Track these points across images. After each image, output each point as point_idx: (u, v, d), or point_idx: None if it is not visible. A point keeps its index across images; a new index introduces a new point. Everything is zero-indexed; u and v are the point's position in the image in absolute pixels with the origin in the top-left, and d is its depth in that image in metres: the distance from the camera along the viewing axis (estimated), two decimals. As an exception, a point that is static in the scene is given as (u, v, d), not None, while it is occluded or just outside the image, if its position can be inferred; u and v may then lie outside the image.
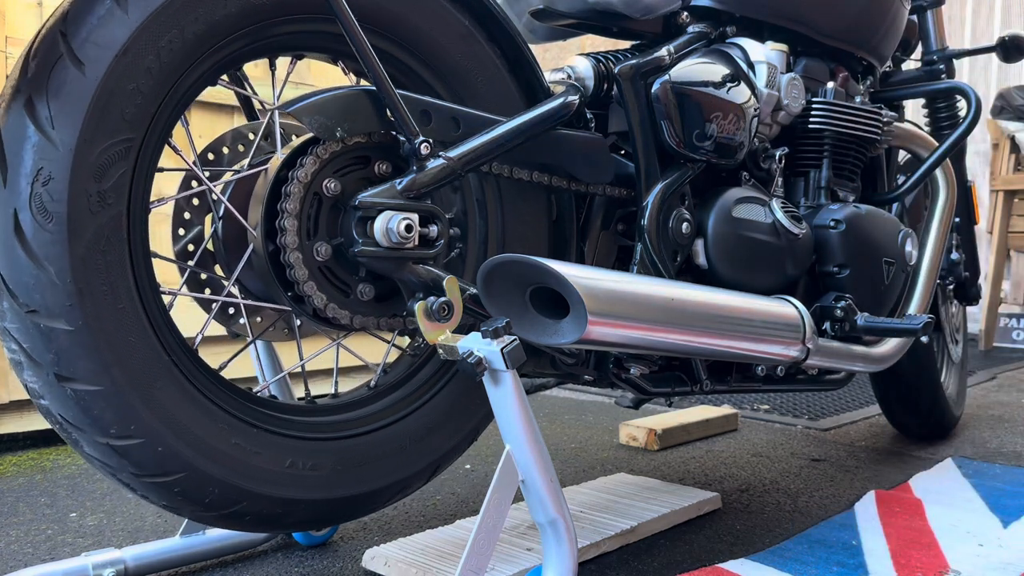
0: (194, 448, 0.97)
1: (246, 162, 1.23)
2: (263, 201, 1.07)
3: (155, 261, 1.05)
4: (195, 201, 1.25)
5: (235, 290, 1.18)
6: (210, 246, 1.24)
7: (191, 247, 1.24)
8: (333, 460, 1.09)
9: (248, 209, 1.11)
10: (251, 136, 1.29)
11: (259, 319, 1.29)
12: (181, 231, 1.24)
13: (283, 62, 2.33)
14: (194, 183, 1.25)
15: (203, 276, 1.24)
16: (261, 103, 1.21)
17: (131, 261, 0.95)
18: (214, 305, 1.16)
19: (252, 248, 1.09)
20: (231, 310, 1.27)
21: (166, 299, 1.06)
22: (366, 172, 1.12)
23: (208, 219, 1.24)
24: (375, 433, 1.14)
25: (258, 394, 1.09)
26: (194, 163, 1.14)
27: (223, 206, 1.17)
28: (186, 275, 1.22)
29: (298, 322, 1.27)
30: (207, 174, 1.20)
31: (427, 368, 1.22)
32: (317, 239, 1.07)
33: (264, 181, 1.09)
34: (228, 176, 1.22)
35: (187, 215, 1.24)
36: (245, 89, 1.24)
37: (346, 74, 1.21)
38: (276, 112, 1.13)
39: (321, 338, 2.03)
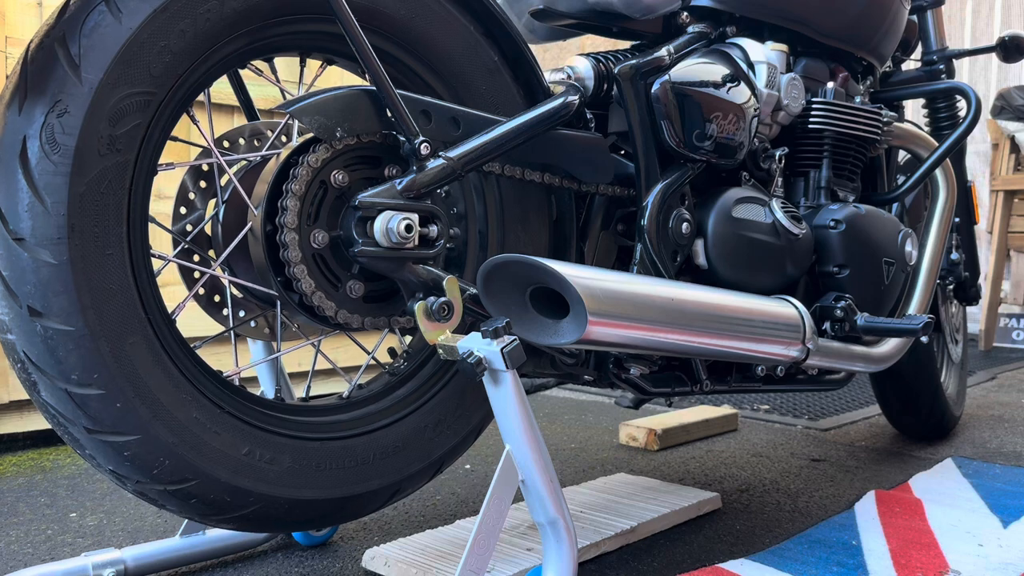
0: (153, 411, 0.94)
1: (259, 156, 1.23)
2: (270, 181, 1.07)
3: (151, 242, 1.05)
4: (202, 183, 1.25)
5: (223, 277, 1.17)
6: (208, 230, 1.24)
7: (189, 227, 1.24)
8: (291, 458, 1.06)
9: (254, 192, 1.11)
10: (268, 133, 1.30)
11: (241, 312, 1.29)
12: (183, 210, 1.24)
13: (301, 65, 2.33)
14: (204, 166, 1.26)
15: (196, 258, 1.23)
16: (283, 92, 1.21)
17: (128, 214, 0.95)
18: (200, 283, 1.15)
19: (250, 227, 1.08)
20: (218, 299, 1.26)
21: (156, 266, 1.04)
22: (376, 172, 1.12)
23: (211, 203, 1.24)
24: (338, 441, 1.11)
25: (228, 379, 1.07)
26: (213, 141, 1.14)
27: (228, 192, 1.17)
28: (179, 248, 1.22)
29: (279, 322, 1.26)
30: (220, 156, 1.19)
31: (403, 388, 1.20)
32: (316, 226, 1.07)
33: (275, 163, 1.09)
34: (242, 162, 1.23)
35: (191, 195, 1.24)
36: (274, 80, 1.24)
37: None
38: None
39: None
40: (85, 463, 1.88)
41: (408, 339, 1.27)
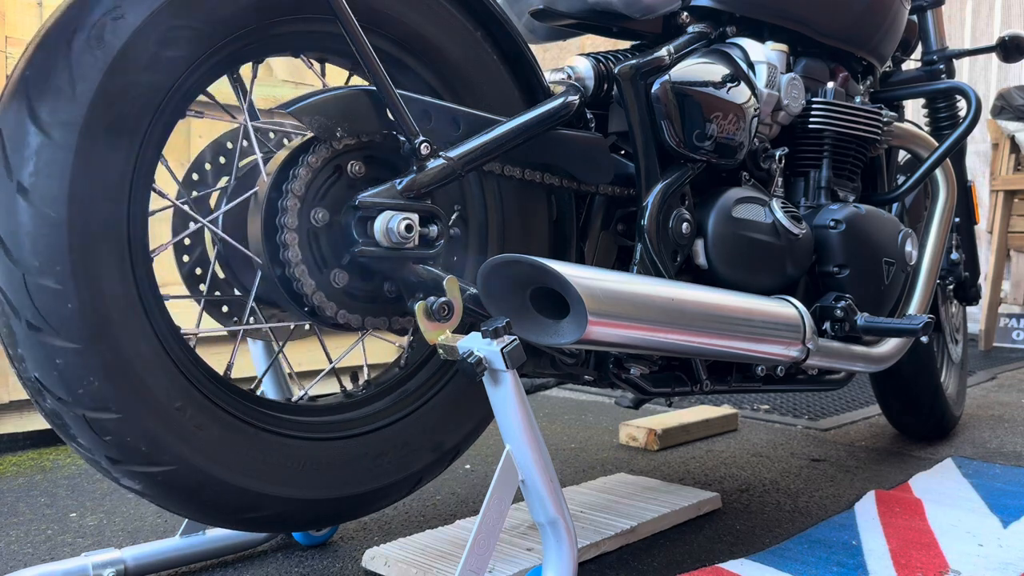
0: (101, 326, 0.91)
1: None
2: (287, 154, 1.07)
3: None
4: (221, 159, 1.26)
5: (213, 229, 1.15)
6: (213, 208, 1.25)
7: (195, 193, 1.25)
8: (220, 432, 1.00)
9: (268, 164, 1.11)
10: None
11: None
12: (195, 176, 1.25)
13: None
14: (229, 144, 1.27)
15: (193, 223, 1.22)
16: (323, 82, 1.21)
17: (144, 136, 0.95)
18: (188, 232, 1.15)
19: (256, 191, 1.08)
20: (199, 272, 1.26)
21: (154, 208, 1.04)
22: (391, 178, 1.12)
23: (223, 181, 1.25)
24: (273, 436, 1.06)
25: (186, 337, 1.05)
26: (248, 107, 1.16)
27: (243, 170, 1.17)
28: (183, 200, 1.22)
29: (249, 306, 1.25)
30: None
31: (354, 412, 1.16)
32: (321, 205, 1.06)
33: (300, 141, 1.10)
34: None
35: (208, 166, 1.25)
36: (319, 77, 1.25)
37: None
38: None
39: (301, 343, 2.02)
40: (86, 464, 1.88)
41: (372, 371, 1.25)
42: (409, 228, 1.07)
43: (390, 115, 1.08)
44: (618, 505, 1.52)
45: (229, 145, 1.27)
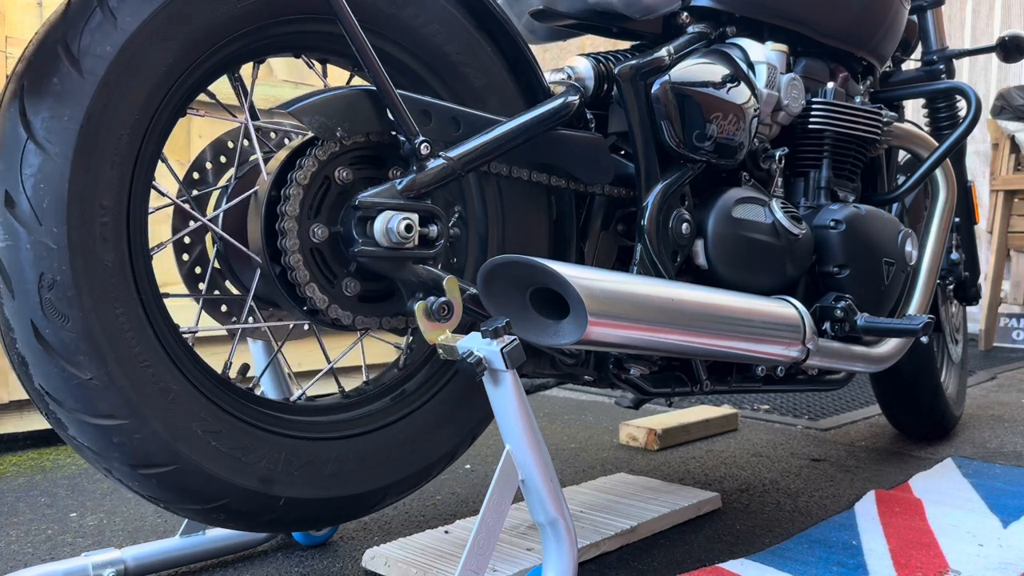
0: (83, 242, 0.91)
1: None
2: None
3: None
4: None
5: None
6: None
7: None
8: (163, 377, 0.98)
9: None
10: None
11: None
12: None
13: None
14: (230, 143, 1.28)
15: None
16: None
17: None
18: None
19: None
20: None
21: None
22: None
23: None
24: (210, 404, 1.02)
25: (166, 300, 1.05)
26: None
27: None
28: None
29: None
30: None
31: (266, 410, 1.11)
32: (347, 167, 1.08)
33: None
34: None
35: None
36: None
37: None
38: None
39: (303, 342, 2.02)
40: (86, 463, 1.88)
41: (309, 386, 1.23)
42: (409, 228, 1.07)
43: (390, 115, 1.08)
44: (618, 505, 1.52)
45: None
